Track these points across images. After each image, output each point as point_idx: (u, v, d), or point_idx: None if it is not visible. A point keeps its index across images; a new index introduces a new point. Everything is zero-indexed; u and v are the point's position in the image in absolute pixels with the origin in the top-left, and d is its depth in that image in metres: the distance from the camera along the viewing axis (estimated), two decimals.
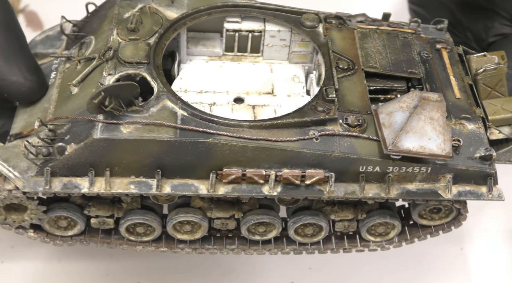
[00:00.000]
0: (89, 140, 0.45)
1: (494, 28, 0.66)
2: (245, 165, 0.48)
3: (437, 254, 0.68)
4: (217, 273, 0.66)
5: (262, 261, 0.67)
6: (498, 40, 0.66)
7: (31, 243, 0.64)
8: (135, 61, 0.50)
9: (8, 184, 0.47)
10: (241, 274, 0.67)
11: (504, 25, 0.65)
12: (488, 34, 0.67)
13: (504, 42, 0.64)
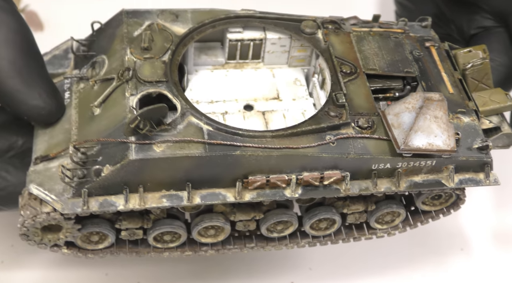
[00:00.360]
0: (126, 161, 0.48)
1: (476, 21, 0.71)
2: (268, 172, 0.51)
3: (437, 254, 0.71)
4: (217, 273, 0.67)
5: (262, 261, 0.69)
6: (480, 33, 0.70)
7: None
8: (154, 80, 0.52)
9: (45, 207, 0.50)
10: (241, 274, 0.68)
11: (486, 19, 0.70)
12: (470, 27, 0.71)
13: (485, 34, 0.69)
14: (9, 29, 0.51)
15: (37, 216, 0.50)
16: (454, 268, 0.70)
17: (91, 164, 0.49)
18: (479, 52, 0.59)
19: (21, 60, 0.51)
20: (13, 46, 0.51)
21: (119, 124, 0.50)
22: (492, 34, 0.69)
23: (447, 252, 0.71)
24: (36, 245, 0.53)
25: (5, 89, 0.51)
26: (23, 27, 0.52)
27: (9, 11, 0.52)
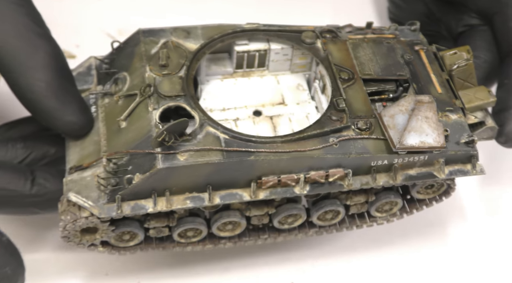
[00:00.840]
0: (154, 170, 0.54)
1: (463, 20, 0.76)
2: (279, 173, 0.57)
3: (437, 254, 0.73)
4: (217, 273, 0.70)
5: (262, 261, 0.71)
6: (466, 31, 0.76)
7: (31, 240, 0.69)
8: (174, 95, 0.58)
9: (84, 212, 0.56)
10: (241, 274, 0.70)
11: (472, 17, 0.75)
12: (457, 25, 0.77)
13: (471, 32, 0.75)
14: (45, 53, 0.57)
15: (77, 220, 0.56)
16: (454, 268, 0.72)
17: (122, 173, 0.56)
18: (464, 54, 0.65)
19: (56, 81, 0.57)
20: (49, 69, 0.57)
21: (145, 136, 0.56)
22: (477, 32, 0.74)
23: (447, 252, 0.74)
24: (76, 245, 0.59)
25: (43, 107, 0.57)
26: (57, 50, 0.58)
27: (45, 37, 0.58)
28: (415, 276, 0.72)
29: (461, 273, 0.72)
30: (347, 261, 0.72)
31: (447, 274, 0.72)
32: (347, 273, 0.71)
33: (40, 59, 0.57)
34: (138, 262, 0.69)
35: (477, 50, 0.72)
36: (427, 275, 0.72)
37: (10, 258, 0.55)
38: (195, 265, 0.70)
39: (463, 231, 0.75)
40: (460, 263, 0.73)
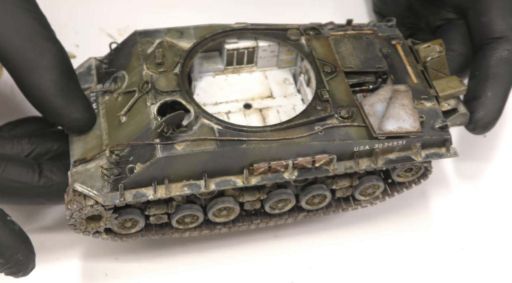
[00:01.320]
0: (154, 159, 0.58)
1: (440, 14, 0.81)
2: (269, 159, 0.62)
3: (438, 254, 0.75)
4: (217, 273, 0.71)
5: (262, 261, 0.72)
6: (444, 24, 0.80)
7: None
8: (170, 90, 0.63)
9: (89, 201, 0.60)
10: (241, 274, 0.72)
11: (448, 12, 0.80)
12: (435, 19, 0.81)
13: (448, 26, 0.79)
14: (52, 55, 0.61)
15: (83, 209, 0.60)
16: (454, 268, 0.74)
17: (124, 163, 0.60)
18: (436, 47, 0.70)
19: (63, 81, 0.62)
20: (56, 70, 0.61)
21: (144, 129, 0.60)
22: (453, 26, 0.79)
23: (447, 252, 0.75)
24: (82, 233, 0.64)
25: (51, 105, 0.62)
26: (62, 51, 0.63)
27: (51, 39, 0.62)
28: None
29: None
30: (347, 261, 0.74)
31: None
32: (346, 273, 0.73)
33: (47, 61, 0.61)
34: (138, 262, 0.71)
35: (452, 43, 0.77)
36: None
37: (22, 246, 0.59)
38: (195, 265, 0.72)
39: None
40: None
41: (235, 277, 0.71)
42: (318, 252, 0.73)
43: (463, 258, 0.74)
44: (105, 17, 0.92)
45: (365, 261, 0.73)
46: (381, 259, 0.74)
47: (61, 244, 0.71)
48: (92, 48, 0.85)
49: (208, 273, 0.71)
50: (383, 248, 0.75)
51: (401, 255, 0.74)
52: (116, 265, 0.71)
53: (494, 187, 0.81)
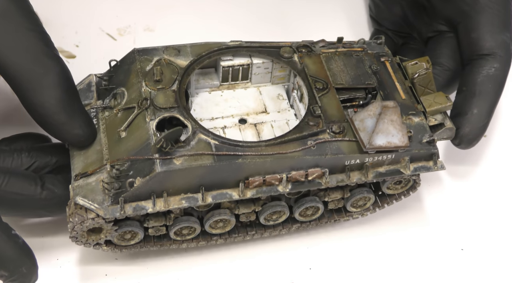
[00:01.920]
0: (153, 174, 0.61)
1: (433, 26, 0.83)
2: (264, 173, 0.65)
3: (437, 254, 0.76)
4: (217, 274, 0.72)
5: (262, 261, 0.73)
6: (435, 36, 0.83)
7: (29, 243, 0.69)
8: (168, 107, 0.65)
9: (90, 214, 0.62)
10: (241, 274, 0.72)
11: (440, 24, 0.82)
12: (427, 30, 0.84)
13: (438, 38, 0.82)
14: (55, 74, 0.64)
15: (85, 222, 0.62)
16: (454, 268, 0.75)
17: (124, 177, 0.62)
18: (423, 64, 0.73)
19: (65, 98, 0.64)
20: (59, 88, 0.63)
21: (144, 144, 0.63)
22: (444, 39, 0.82)
23: (447, 252, 0.76)
24: (83, 245, 0.66)
25: (53, 122, 0.64)
26: (65, 69, 0.65)
27: (54, 58, 0.64)
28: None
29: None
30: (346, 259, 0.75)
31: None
32: (346, 273, 0.74)
33: (51, 79, 0.63)
34: (138, 262, 0.72)
35: (441, 57, 0.80)
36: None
37: (26, 259, 0.61)
38: (195, 265, 0.73)
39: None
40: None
41: (235, 277, 0.72)
42: (318, 252, 0.75)
43: (463, 258, 0.75)
44: (105, 17, 0.93)
45: (365, 261, 0.75)
46: (381, 259, 0.75)
47: (61, 244, 0.72)
48: (92, 48, 0.89)
49: (208, 273, 0.72)
50: (383, 248, 0.76)
51: (401, 254, 0.75)
52: (116, 265, 0.72)
53: (494, 186, 0.82)
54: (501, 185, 0.83)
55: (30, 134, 0.73)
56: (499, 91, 0.75)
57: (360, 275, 0.73)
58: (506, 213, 0.80)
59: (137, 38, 0.91)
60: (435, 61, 0.80)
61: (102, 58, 0.85)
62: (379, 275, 0.74)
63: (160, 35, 0.92)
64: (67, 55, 0.87)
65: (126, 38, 0.91)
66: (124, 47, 0.86)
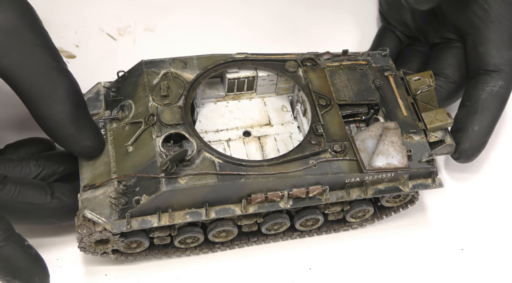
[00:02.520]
0: (159, 192, 0.63)
1: (440, 32, 0.83)
2: (266, 191, 0.67)
3: (437, 254, 0.76)
4: (217, 274, 0.73)
5: (262, 261, 0.74)
6: (442, 43, 0.83)
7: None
8: (174, 123, 0.67)
9: (98, 227, 0.65)
10: (241, 274, 0.73)
11: (449, 31, 0.82)
12: (435, 35, 0.84)
13: (445, 46, 0.82)
14: (65, 88, 0.65)
15: (92, 234, 0.65)
16: (454, 268, 0.75)
17: (131, 193, 0.65)
18: (427, 79, 0.74)
19: (74, 111, 0.65)
20: (68, 101, 0.65)
21: (150, 161, 0.65)
22: (451, 49, 0.82)
23: (447, 252, 0.77)
24: (91, 254, 0.69)
25: (63, 134, 0.66)
26: (74, 83, 0.66)
27: (64, 72, 0.66)
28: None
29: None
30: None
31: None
32: (346, 273, 0.74)
33: (61, 93, 0.65)
34: (137, 262, 0.73)
35: (447, 68, 0.80)
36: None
37: (39, 269, 0.64)
38: (195, 266, 0.74)
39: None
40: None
41: (235, 277, 0.73)
42: (318, 252, 0.76)
43: (463, 258, 0.76)
44: (105, 17, 0.93)
45: (365, 261, 0.75)
46: (380, 259, 0.76)
47: (61, 244, 0.74)
48: (92, 48, 0.89)
49: (208, 273, 0.73)
50: (382, 248, 0.77)
51: (401, 255, 0.76)
52: (116, 265, 0.72)
53: (494, 186, 0.83)
54: (501, 186, 0.84)
55: (34, 140, 0.75)
56: (501, 108, 0.76)
57: (360, 275, 0.74)
58: (506, 214, 0.81)
59: (137, 38, 0.91)
60: (440, 72, 0.81)
61: (102, 58, 0.86)
62: (379, 275, 0.75)
63: (160, 35, 0.92)
64: (67, 55, 0.87)
65: (126, 38, 0.91)
66: (124, 47, 0.89)
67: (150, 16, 0.94)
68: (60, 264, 0.72)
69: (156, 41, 0.90)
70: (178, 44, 0.89)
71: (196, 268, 0.74)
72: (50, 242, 0.74)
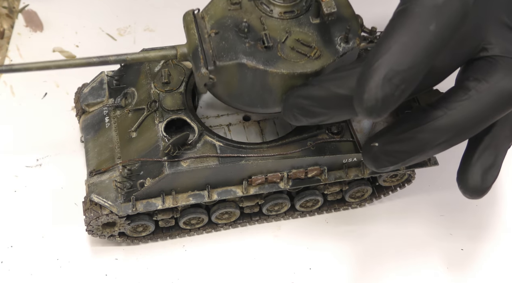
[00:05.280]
0: (162, 175, 0.65)
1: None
2: (266, 172, 0.69)
3: (438, 254, 0.76)
4: (216, 274, 0.73)
5: (262, 261, 0.74)
6: None
7: (29, 244, 0.73)
8: (175, 109, 0.69)
9: (104, 210, 0.67)
10: (241, 274, 0.73)
11: None
12: None
13: None
14: None
15: (99, 217, 0.67)
16: (454, 268, 0.75)
17: (135, 177, 0.67)
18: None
19: None
20: None
21: (153, 146, 0.67)
22: None
23: (447, 252, 0.76)
24: (98, 237, 0.71)
25: None
26: None
27: None
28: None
29: None
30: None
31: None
32: (347, 273, 0.74)
33: None
34: (137, 262, 0.74)
35: None
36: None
37: None
38: (194, 266, 0.74)
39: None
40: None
41: (235, 277, 0.74)
42: (318, 252, 0.76)
43: (463, 257, 0.76)
44: (105, 17, 0.94)
45: (365, 261, 0.76)
46: (380, 259, 0.76)
47: (61, 244, 0.74)
48: (92, 48, 0.89)
49: (208, 274, 0.74)
50: (382, 248, 0.77)
51: (401, 255, 0.76)
52: (116, 265, 0.73)
53: (494, 187, 0.78)
54: (501, 186, 0.83)
55: None
56: None
57: (360, 275, 0.75)
58: (506, 214, 0.80)
59: (137, 38, 0.92)
60: None
61: None
62: (379, 275, 0.75)
63: (160, 35, 0.92)
64: (67, 55, 0.88)
65: (126, 38, 0.92)
66: (124, 47, 0.90)
67: (150, 16, 0.94)
68: (60, 264, 0.73)
69: (156, 41, 0.91)
70: (178, 44, 0.90)
71: (195, 269, 0.74)
72: (50, 242, 0.75)
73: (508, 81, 0.55)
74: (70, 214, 0.75)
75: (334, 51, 0.62)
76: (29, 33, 0.90)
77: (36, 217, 0.76)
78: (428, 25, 0.50)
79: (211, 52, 0.60)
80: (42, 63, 0.60)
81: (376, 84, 0.48)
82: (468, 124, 0.56)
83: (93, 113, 0.74)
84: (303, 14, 0.63)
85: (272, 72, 0.60)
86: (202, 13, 0.64)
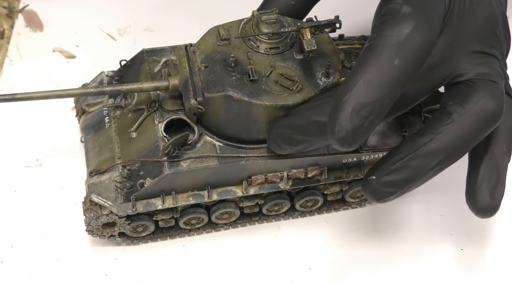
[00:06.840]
0: (162, 175, 0.65)
1: None
2: (266, 172, 0.69)
3: (437, 254, 0.75)
4: (216, 274, 0.73)
5: (262, 261, 0.74)
6: None
7: (29, 244, 0.73)
8: (175, 109, 0.69)
9: (104, 210, 0.67)
10: (241, 274, 0.73)
11: None
12: None
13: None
14: None
15: (99, 217, 0.68)
16: (454, 268, 0.74)
17: (135, 177, 0.67)
18: None
19: None
20: None
21: (153, 146, 0.67)
22: None
23: (447, 252, 0.76)
24: (98, 237, 0.71)
25: None
26: None
27: None
28: None
29: None
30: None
31: None
32: (347, 273, 0.74)
33: None
34: (138, 262, 0.73)
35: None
36: None
37: None
38: (194, 266, 0.74)
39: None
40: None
41: (235, 277, 0.73)
42: (318, 252, 0.76)
43: (463, 257, 0.76)
44: (105, 17, 0.93)
45: (365, 261, 0.75)
46: (380, 258, 0.76)
47: (61, 244, 0.74)
48: (92, 48, 0.89)
49: (208, 274, 0.74)
50: (382, 248, 0.76)
51: (401, 254, 0.76)
52: (116, 265, 0.73)
53: None
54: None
55: None
56: None
57: (360, 275, 0.74)
58: (506, 214, 0.79)
59: (137, 38, 0.91)
60: None
61: (102, 58, 0.87)
62: (379, 275, 0.75)
63: (160, 35, 0.92)
64: (67, 55, 0.88)
65: (126, 38, 0.91)
66: (124, 47, 0.90)
67: (150, 16, 0.94)
68: (60, 264, 0.72)
69: (156, 41, 0.88)
70: (178, 44, 0.89)
71: (195, 269, 0.74)
72: (50, 242, 0.75)
73: (486, 102, 0.59)
74: (70, 214, 0.75)
75: (315, 85, 0.65)
76: (29, 33, 0.90)
77: (36, 217, 0.76)
78: (392, 61, 0.53)
79: (200, 84, 0.64)
80: (43, 92, 0.67)
81: (345, 117, 0.52)
82: (456, 145, 0.59)
83: (93, 114, 0.74)
84: (288, 50, 0.66)
85: (256, 104, 0.63)
86: (193, 48, 0.68)
